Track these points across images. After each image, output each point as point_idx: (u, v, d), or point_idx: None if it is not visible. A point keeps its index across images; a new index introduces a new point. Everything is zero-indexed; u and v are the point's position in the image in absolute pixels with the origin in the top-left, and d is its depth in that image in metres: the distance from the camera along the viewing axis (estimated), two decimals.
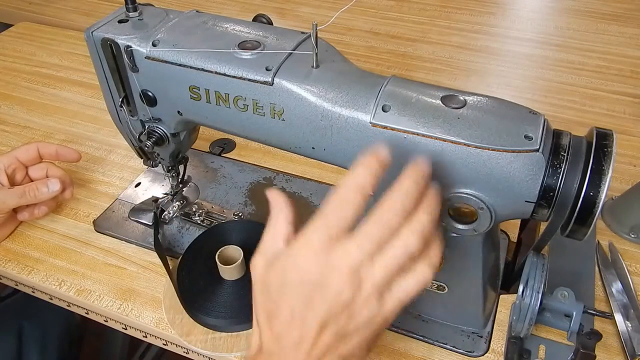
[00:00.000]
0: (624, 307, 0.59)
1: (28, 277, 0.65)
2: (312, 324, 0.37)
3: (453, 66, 1.04)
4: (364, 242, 0.37)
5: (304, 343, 0.37)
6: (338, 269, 0.36)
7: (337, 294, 0.36)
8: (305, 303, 0.37)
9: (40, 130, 0.88)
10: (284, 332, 0.38)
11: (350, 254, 0.36)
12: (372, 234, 0.37)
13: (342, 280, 0.36)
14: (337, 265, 0.36)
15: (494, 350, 0.56)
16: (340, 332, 0.37)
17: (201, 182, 0.77)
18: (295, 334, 0.38)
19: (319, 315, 0.37)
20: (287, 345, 0.38)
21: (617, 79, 0.99)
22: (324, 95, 0.48)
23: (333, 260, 0.37)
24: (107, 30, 0.54)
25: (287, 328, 0.38)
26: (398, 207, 0.37)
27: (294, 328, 0.38)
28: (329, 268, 0.36)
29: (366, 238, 0.37)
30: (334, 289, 0.36)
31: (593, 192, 0.42)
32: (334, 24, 0.70)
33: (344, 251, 0.37)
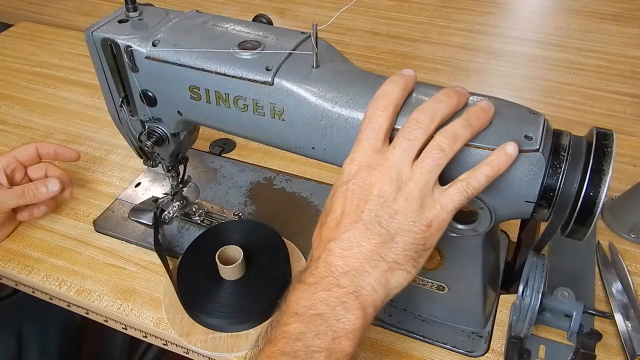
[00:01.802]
0: (624, 307, 0.59)
1: (28, 277, 0.65)
2: (359, 217, 0.41)
3: (453, 66, 1.04)
4: (403, 143, 0.41)
5: (354, 238, 0.41)
6: (380, 166, 0.41)
7: (380, 190, 0.41)
8: (351, 198, 0.41)
9: (40, 130, 0.88)
10: (336, 227, 0.41)
11: (393, 154, 0.41)
12: (410, 136, 0.42)
13: (384, 176, 0.41)
14: (379, 164, 0.41)
15: (494, 350, 0.56)
16: (384, 232, 0.40)
17: (201, 182, 0.77)
18: (343, 228, 0.41)
19: (363, 208, 0.41)
20: (339, 241, 0.41)
21: (617, 79, 0.99)
22: (324, 95, 0.48)
23: (379, 160, 0.41)
24: (107, 30, 0.54)
25: (337, 224, 0.42)
26: (431, 112, 0.42)
27: (343, 223, 0.41)
28: (373, 168, 0.41)
29: (404, 140, 0.42)
30: (377, 185, 0.41)
31: (593, 192, 0.42)
32: (334, 24, 0.70)
33: (386, 152, 0.42)
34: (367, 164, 0.42)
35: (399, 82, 0.44)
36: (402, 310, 0.60)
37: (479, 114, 0.42)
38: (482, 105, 0.43)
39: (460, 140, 0.41)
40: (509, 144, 0.41)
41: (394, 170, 0.41)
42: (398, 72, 0.45)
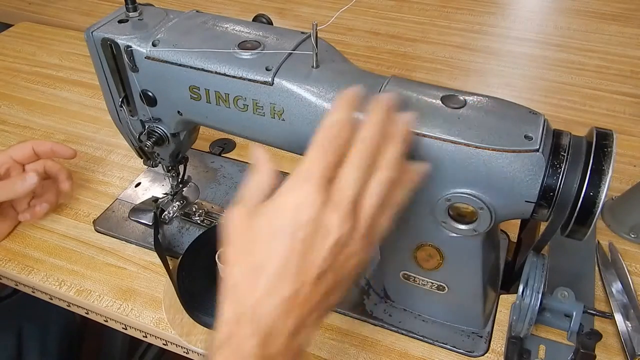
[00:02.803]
0: (624, 307, 0.59)
1: (28, 277, 0.65)
2: (312, 271, 0.35)
3: (453, 66, 1.04)
4: (350, 181, 0.37)
5: (299, 296, 0.35)
6: (335, 207, 0.36)
7: (338, 234, 0.35)
8: (303, 249, 0.35)
9: (40, 130, 0.88)
10: (275, 287, 0.35)
11: (343, 192, 0.36)
12: (354, 172, 0.37)
13: (341, 218, 0.35)
14: (334, 204, 0.36)
15: (494, 350, 0.56)
16: (338, 276, 0.36)
17: (201, 182, 0.77)
18: (288, 287, 0.35)
19: (318, 259, 0.35)
20: (276, 303, 0.35)
21: (617, 79, 0.99)
22: (324, 95, 0.48)
23: (329, 200, 0.36)
24: (107, 30, 0.54)
25: (278, 281, 0.35)
26: (368, 145, 0.38)
27: (287, 280, 0.35)
28: (325, 208, 0.35)
29: (351, 176, 0.37)
30: (334, 229, 0.35)
31: (593, 192, 0.42)
32: (334, 24, 0.70)
33: (337, 190, 0.36)
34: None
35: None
36: (402, 310, 0.60)
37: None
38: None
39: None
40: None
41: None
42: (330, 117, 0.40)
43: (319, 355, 0.57)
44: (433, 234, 0.51)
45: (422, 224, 0.50)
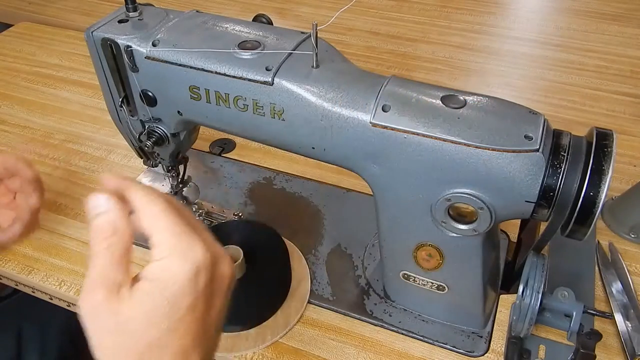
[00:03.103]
0: (624, 307, 0.59)
1: (28, 277, 0.65)
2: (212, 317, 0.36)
3: (453, 66, 1.04)
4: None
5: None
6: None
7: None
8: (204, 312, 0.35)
9: (40, 130, 0.88)
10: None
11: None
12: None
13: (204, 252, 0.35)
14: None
15: (494, 350, 0.56)
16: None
17: (201, 182, 0.77)
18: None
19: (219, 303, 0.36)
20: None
21: (617, 79, 0.99)
22: (324, 95, 0.48)
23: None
24: (107, 30, 0.54)
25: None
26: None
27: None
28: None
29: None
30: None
31: (593, 192, 0.42)
32: (334, 24, 0.70)
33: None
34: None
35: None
36: (402, 310, 0.60)
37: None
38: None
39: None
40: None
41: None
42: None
43: (319, 355, 0.57)
44: (433, 234, 0.51)
45: (422, 224, 0.50)
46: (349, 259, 0.66)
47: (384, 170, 0.48)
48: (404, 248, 0.54)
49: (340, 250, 0.67)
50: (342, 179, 0.77)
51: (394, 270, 0.57)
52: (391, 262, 0.57)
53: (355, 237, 0.69)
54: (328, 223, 0.71)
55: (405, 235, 0.53)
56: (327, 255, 0.67)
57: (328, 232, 0.69)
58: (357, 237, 0.69)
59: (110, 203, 0.35)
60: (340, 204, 0.73)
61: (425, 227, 0.50)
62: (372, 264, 0.65)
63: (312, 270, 0.65)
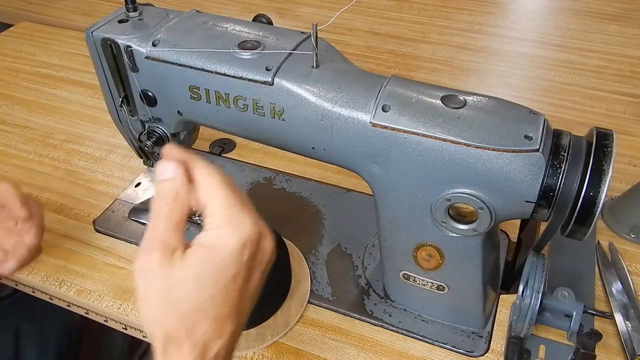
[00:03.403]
0: (624, 307, 0.59)
1: (28, 277, 0.65)
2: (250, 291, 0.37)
3: (453, 66, 1.04)
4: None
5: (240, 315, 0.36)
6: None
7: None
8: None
9: (40, 130, 0.88)
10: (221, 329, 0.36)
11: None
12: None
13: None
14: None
15: (494, 350, 0.56)
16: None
17: None
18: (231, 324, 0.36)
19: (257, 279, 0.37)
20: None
21: (617, 79, 0.99)
22: (324, 95, 0.48)
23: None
24: (107, 30, 0.54)
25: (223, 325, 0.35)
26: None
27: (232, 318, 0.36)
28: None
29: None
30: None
31: (593, 192, 0.42)
32: (334, 24, 0.70)
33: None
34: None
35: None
36: (402, 310, 0.60)
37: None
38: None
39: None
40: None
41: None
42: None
43: (319, 355, 0.57)
44: (433, 234, 0.51)
45: (422, 224, 0.50)
46: (349, 259, 0.66)
47: (384, 170, 0.48)
48: (404, 248, 0.54)
49: (340, 250, 0.67)
50: (342, 179, 0.77)
51: (394, 270, 0.57)
52: (391, 262, 0.57)
53: (355, 237, 0.69)
54: (328, 223, 0.71)
55: (405, 235, 0.53)
56: (327, 255, 0.67)
57: (328, 232, 0.69)
58: (357, 237, 0.69)
59: (177, 171, 0.37)
60: (340, 204, 0.73)
61: (425, 227, 0.50)
62: (372, 264, 0.65)
63: (312, 270, 0.65)
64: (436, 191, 0.47)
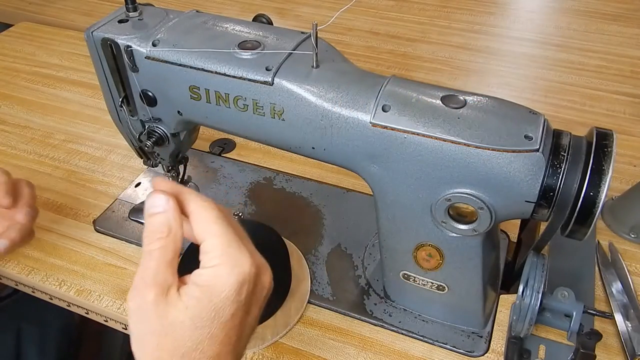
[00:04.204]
0: (624, 307, 0.59)
1: (28, 277, 0.65)
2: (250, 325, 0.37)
3: (453, 66, 1.04)
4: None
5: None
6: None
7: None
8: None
9: (40, 130, 0.88)
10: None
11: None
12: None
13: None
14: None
15: (494, 350, 0.56)
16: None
17: (201, 182, 0.77)
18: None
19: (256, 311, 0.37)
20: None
21: (617, 79, 0.99)
22: (324, 95, 0.48)
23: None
24: (107, 30, 0.54)
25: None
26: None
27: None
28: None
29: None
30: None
31: (593, 192, 0.42)
32: (334, 24, 0.70)
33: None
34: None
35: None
36: (402, 310, 0.60)
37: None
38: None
39: None
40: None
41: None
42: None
43: (319, 355, 0.57)
44: (433, 234, 0.51)
45: (422, 224, 0.50)
46: (349, 259, 0.66)
47: (384, 170, 0.48)
48: (404, 248, 0.54)
49: (340, 250, 0.67)
50: (342, 179, 0.77)
51: (394, 270, 0.57)
52: (391, 262, 0.57)
53: (355, 237, 0.69)
54: (328, 223, 0.71)
55: (405, 235, 0.53)
56: (327, 255, 0.67)
57: (328, 232, 0.69)
58: (357, 237, 0.69)
59: (169, 204, 0.35)
60: (340, 204, 0.73)
61: (425, 227, 0.50)
62: (372, 264, 0.65)
63: (312, 270, 0.65)
64: (436, 191, 0.47)
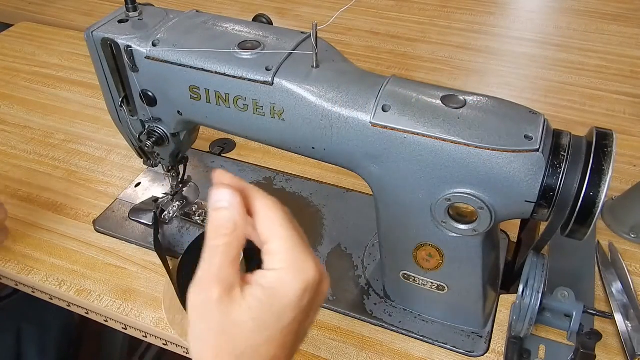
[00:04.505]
0: (624, 307, 0.59)
1: (28, 277, 0.65)
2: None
3: (453, 66, 1.04)
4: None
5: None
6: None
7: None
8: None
9: (40, 130, 0.88)
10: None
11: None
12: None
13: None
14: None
15: (494, 350, 0.56)
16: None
17: (201, 182, 0.77)
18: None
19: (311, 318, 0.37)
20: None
21: (617, 79, 0.99)
22: (324, 95, 0.48)
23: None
24: (107, 30, 0.54)
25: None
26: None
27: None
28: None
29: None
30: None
31: (593, 192, 0.42)
32: (334, 24, 0.70)
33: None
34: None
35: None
36: (402, 310, 0.60)
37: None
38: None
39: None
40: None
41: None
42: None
43: (319, 355, 0.57)
44: (433, 234, 0.51)
45: (422, 224, 0.50)
46: (349, 259, 0.66)
47: (384, 170, 0.48)
48: (404, 248, 0.54)
49: (340, 250, 0.67)
50: (342, 179, 0.77)
51: (394, 271, 0.57)
52: (391, 262, 0.57)
53: (355, 237, 0.69)
54: (328, 223, 0.71)
55: (405, 235, 0.53)
56: (327, 255, 0.67)
57: (328, 232, 0.69)
58: (357, 237, 0.69)
59: (235, 200, 0.34)
60: (340, 204, 0.73)
61: (425, 227, 0.50)
62: (372, 264, 0.65)
63: None
64: (436, 191, 0.47)
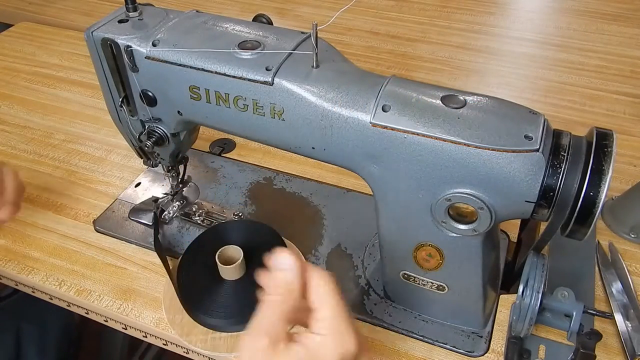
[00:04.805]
0: (624, 307, 0.59)
1: (28, 277, 0.65)
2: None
3: (453, 66, 1.04)
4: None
5: None
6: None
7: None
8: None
9: (40, 130, 0.88)
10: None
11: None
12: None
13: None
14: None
15: (494, 350, 0.56)
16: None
17: (201, 182, 0.77)
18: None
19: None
20: None
21: (617, 79, 0.99)
22: (324, 95, 0.48)
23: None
24: (107, 30, 0.54)
25: None
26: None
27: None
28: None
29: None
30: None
31: (593, 192, 0.42)
32: (334, 24, 0.70)
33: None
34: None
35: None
36: (402, 310, 0.60)
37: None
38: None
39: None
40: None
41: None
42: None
43: None
44: (433, 234, 0.51)
45: (422, 224, 0.50)
46: (349, 259, 0.66)
47: (384, 170, 0.49)
48: (404, 248, 0.54)
49: (340, 250, 0.67)
50: (342, 179, 0.77)
51: (394, 270, 0.57)
52: (391, 262, 0.57)
53: (355, 237, 0.69)
54: (328, 223, 0.71)
55: (405, 235, 0.53)
56: (327, 255, 0.67)
57: (328, 232, 0.69)
58: (357, 237, 0.69)
59: (295, 265, 0.39)
60: (340, 204, 0.73)
61: (425, 227, 0.50)
62: (372, 264, 0.65)
63: None
64: (436, 191, 0.47)
